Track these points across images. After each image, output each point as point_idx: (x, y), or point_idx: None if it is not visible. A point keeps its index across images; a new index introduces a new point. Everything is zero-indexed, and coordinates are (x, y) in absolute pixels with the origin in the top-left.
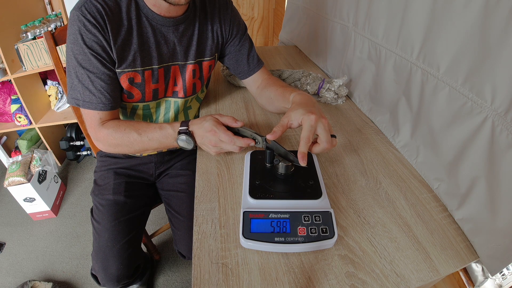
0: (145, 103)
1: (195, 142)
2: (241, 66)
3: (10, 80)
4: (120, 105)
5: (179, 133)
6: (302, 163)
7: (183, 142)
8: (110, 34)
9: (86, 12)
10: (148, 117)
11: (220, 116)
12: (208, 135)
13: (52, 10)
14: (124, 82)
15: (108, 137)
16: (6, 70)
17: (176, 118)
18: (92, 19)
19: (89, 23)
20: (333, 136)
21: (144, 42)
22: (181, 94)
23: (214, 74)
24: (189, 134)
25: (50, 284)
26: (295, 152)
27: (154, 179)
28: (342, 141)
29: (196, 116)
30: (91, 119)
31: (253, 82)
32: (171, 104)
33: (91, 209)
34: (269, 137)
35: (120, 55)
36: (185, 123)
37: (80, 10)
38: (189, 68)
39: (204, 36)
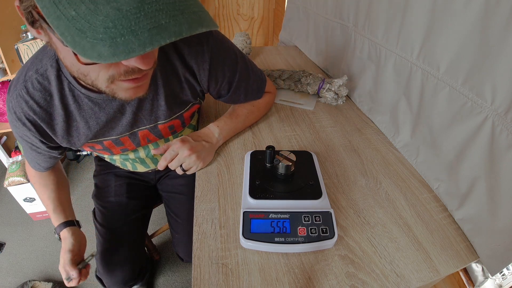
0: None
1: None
2: (240, 102)
3: (10, 80)
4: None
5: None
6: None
7: (55, 236)
8: (45, 128)
9: (13, 111)
10: (128, 159)
11: (77, 258)
12: (62, 253)
13: None
14: (86, 148)
15: (30, 176)
16: (6, 70)
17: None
18: (18, 121)
19: (17, 122)
20: (184, 170)
21: (93, 124)
22: (159, 140)
23: None
24: (60, 238)
25: (50, 284)
26: (294, 152)
27: (155, 183)
28: (342, 141)
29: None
30: None
31: None
32: (150, 148)
33: (93, 212)
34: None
35: (67, 139)
36: (65, 225)
37: (8, 107)
38: (164, 126)
39: (175, 91)
